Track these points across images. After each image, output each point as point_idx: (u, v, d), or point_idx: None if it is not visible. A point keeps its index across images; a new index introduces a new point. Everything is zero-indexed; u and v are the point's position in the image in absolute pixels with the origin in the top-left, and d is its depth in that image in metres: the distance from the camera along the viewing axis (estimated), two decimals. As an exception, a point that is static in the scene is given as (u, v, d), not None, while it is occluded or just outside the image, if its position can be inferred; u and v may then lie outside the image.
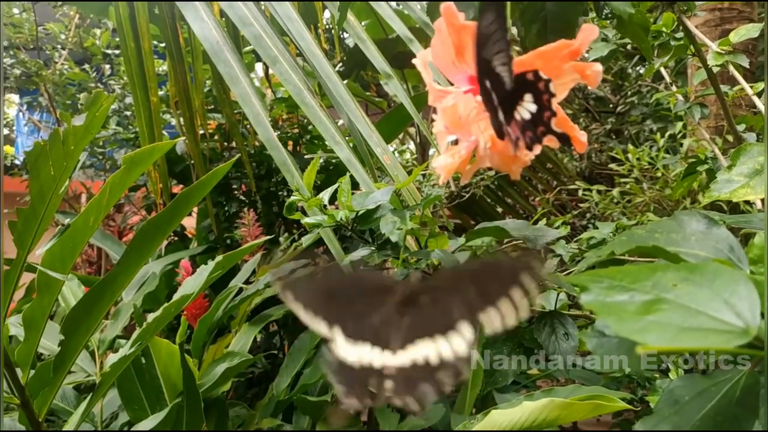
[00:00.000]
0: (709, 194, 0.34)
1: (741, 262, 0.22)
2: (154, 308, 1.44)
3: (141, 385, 0.94)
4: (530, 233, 0.49)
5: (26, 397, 0.64)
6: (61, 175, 0.49)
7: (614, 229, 0.71)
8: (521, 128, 0.24)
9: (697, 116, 0.65)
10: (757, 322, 0.16)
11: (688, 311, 0.16)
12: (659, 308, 0.17)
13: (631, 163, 1.52)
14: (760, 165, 0.34)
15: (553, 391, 0.73)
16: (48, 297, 0.58)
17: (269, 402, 0.99)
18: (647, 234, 0.24)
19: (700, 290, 0.17)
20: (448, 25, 0.23)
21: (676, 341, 0.15)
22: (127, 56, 1.19)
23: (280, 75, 0.82)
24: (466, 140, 0.24)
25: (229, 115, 1.44)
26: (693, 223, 0.24)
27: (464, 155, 0.25)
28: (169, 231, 0.63)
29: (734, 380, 0.21)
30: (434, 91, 0.25)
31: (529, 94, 0.24)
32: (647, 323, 0.16)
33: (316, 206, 0.51)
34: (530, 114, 0.24)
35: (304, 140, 1.63)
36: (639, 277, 0.18)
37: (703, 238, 0.23)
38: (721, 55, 0.50)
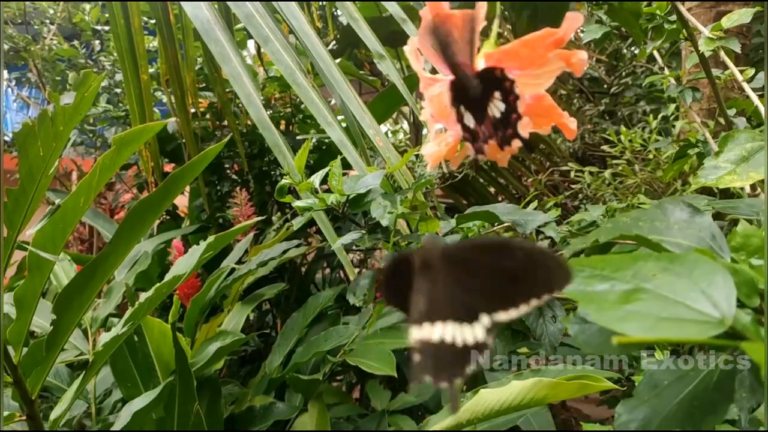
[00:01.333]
0: (696, 180, 0.35)
1: (722, 250, 0.23)
2: (146, 287, 1.45)
3: (134, 363, 0.94)
4: (520, 217, 0.50)
5: (19, 375, 0.64)
6: (51, 156, 0.48)
7: (604, 212, 0.71)
8: (494, 126, 0.24)
9: (689, 100, 0.65)
10: (732, 312, 0.16)
11: (667, 301, 0.17)
12: (639, 298, 0.17)
13: (623, 145, 1.53)
14: (746, 152, 0.34)
15: (542, 371, 0.74)
16: (39, 277, 0.58)
17: (262, 380, 1.00)
18: (632, 222, 0.25)
19: (680, 280, 0.17)
20: (434, 14, 0.23)
21: (654, 331, 0.16)
22: (117, 33, 1.18)
23: (272, 55, 0.82)
24: (452, 129, 0.24)
25: (220, 94, 1.43)
26: (677, 212, 0.25)
27: (451, 143, 0.25)
28: (161, 211, 0.63)
29: (712, 365, 0.21)
30: (423, 79, 0.25)
31: (498, 92, 0.24)
32: (626, 313, 0.16)
33: (308, 190, 0.51)
34: (500, 113, 0.24)
35: (297, 120, 1.63)
36: (620, 267, 0.18)
37: (687, 227, 0.24)
38: (712, 41, 0.50)
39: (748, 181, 0.33)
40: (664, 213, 0.25)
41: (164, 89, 1.48)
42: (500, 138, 0.24)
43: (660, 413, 0.22)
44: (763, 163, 0.33)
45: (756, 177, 0.33)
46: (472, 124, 0.25)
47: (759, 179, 0.33)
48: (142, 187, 1.69)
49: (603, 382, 0.64)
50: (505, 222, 0.51)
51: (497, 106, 0.25)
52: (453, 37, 0.24)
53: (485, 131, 0.25)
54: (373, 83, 2.27)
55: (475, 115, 0.25)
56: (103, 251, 0.60)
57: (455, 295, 0.24)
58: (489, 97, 0.25)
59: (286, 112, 1.63)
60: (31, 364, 0.66)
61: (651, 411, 0.22)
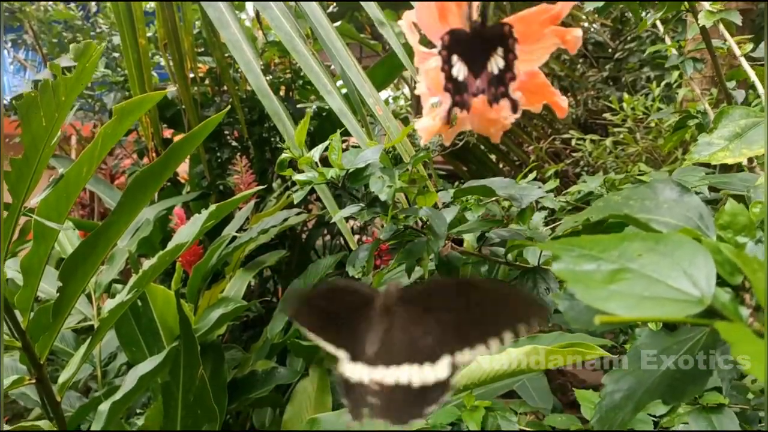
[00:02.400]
0: (690, 156, 0.35)
1: (708, 229, 0.23)
2: (148, 253, 1.46)
3: (138, 329, 0.96)
4: (516, 192, 0.50)
5: (27, 341, 0.66)
6: (53, 126, 0.49)
7: (602, 183, 0.72)
8: (488, 81, 0.24)
9: (690, 70, 0.65)
10: (711, 291, 0.17)
11: (650, 281, 0.18)
12: (623, 277, 0.18)
13: (625, 113, 1.52)
14: (740, 128, 0.34)
15: (537, 338, 0.76)
16: (44, 245, 0.59)
17: (263, 345, 1.02)
18: (623, 201, 0.25)
19: (663, 260, 0.18)
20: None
21: (636, 310, 0.16)
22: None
23: (271, 21, 0.81)
24: (447, 103, 0.24)
25: (219, 59, 1.41)
26: (666, 191, 0.25)
27: (445, 117, 0.25)
28: (163, 180, 0.63)
29: (695, 339, 0.22)
30: (419, 53, 0.25)
31: (501, 48, 0.24)
32: (611, 292, 0.17)
33: (308, 164, 0.51)
34: (498, 69, 0.24)
35: (297, 85, 1.61)
36: (608, 247, 0.19)
37: (675, 206, 0.24)
38: (712, 14, 0.49)
39: (740, 157, 0.34)
40: (654, 192, 0.25)
41: (162, 53, 1.47)
42: (491, 94, 0.24)
43: (644, 384, 0.23)
44: (756, 140, 0.33)
45: (748, 153, 0.34)
46: (462, 75, 0.25)
47: (751, 155, 0.34)
48: (142, 153, 1.69)
49: (596, 349, 0.66)
50: (501, 196, 0.52)
51: (497, 63, 0.24)
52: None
53: (480, 85, 0.25)
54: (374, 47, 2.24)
55: (471, 66, 0.25)
56: (106, 220, 0.61)
57: (413, 336, 0.24)
58: (491, 51, 0.25)
59: (286, 78, 1.61)
60: (38, 329, 0.68)
61: (636, 382, 0.23)
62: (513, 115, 0.24)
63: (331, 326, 0.26)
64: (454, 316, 0.24)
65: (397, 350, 0.24)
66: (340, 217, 0.55)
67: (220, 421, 0.78)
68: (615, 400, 0.24)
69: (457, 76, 0.24)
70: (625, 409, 0.23)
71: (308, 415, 0.84)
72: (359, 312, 0.26)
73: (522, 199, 0.50)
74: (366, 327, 0.25)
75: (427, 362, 0.23)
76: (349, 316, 0.26)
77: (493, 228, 0.56)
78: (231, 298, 0.98)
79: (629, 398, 0.23)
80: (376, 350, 0.24)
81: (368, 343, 0.25)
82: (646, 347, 0.24)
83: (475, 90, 0.24)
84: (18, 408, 1.26)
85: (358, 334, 0.25)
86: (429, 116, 0.25)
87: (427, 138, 0.25)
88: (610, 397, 0.24)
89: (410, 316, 0.25)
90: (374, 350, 0.24)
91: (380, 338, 0.25)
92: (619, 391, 0.24)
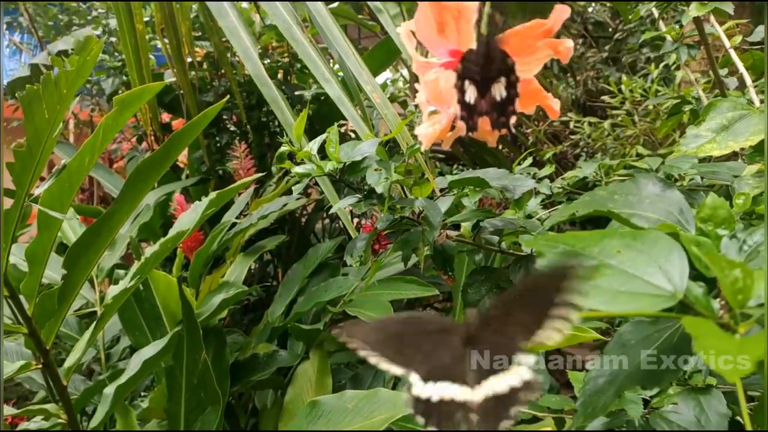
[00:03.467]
0: (678, 148, 0.36)
1: (688, 223, 0.24)
2: (149, 238, 1.47)
3: (141, 313, 0.98)
4: (509, 183, 0.51)
5: (33, 326, 0.68)
6: (56, 118, 0.49)
7: (597, 168, 0.73)
8: (491, 106, 0.26)
9: (684, 56, 0.66)
10: (684, 286, 0.18)
11: (627, 276, 0.19)
12: (602, 273, 0.19)
13: (624, 96, 1.52)
14: (727, 121, 0.35)
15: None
16: (48, 234, 0.60)
17: (264, 329, 1.04)
18: (607, 195, 0.26)
19: (640, 256, 0.19)
20: (430, 2, 0.24)
21: (612, 304, 0.18)
22: (111, -18, 1.16)
23: (269, 9, 0.81)
24: (445, 112, 0.25)
25: (217, 44, 1.41)
26: (649, 186, 0.26)
27: (444, 124, 0.26)
28: (164, 169, 0.64)
29: (674, 328, 0.23)
30: (418, 62, 0.26)
31: (505, 79, 0.25)
32: (590, 287, 0.18)
33: (306, 157, 0.52)
34: (500, 98, 0.25)
35: (295, 69, 1.61)
36: (589, 243, 0.20)
37: (657, 201, 0.25)
38: (704, 6, 0.50)
39: (726, 149, 0.35)
40: (638, 187, 0.26)
41: (160, 38, 1.46)
42: (493, 120, 0.26)
43: (625, 370, 0.24)
44: (742, 132, 0.34)
45: (734, 146, 0.35)
46: (473, 99, 0.26)
47: (737, 148, 0.35)
48: (141, 138, 1.69)
49: (590, 332, 0.67)
50: (495, 187, 0.53)
51: (500, 91, 0.26)
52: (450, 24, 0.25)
53: (483, 106, 0.26)
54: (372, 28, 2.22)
55: (478, 87, 0.26)
56: (109, 209, 0.62)
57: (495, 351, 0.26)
58: (496, 77, 0.26)
59: (284, 62, 1.61)
60: (43, 314, 0.69)
61: (618, 367, 0.24)
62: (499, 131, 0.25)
63: (401, 350, 0.28)
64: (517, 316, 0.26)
65: (484, 367, 0.26)
66: (340, 207, 0.56)
67: (223, 402, 0.80)
68: (598, 385, 0.25)
69: (469, 101, 0.26)
70: (607, 393, 0.25)
71: (309, 397, 0.86)
72: (439, 338, 0.28)
73: (515, 190, 0.52)
74: (452, 351, 0.27)
75: (507, 368, 0.25)
76: (426, 341, 0.28)
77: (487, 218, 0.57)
78: (232, 283, 1.00)
79: (611, 383, 0.24)
80: (468, 372, 0.26)
81: (460, 365, 0.26)
82: (629, 335, 0.25)
83: (480, 111, 0.26)
84: (22, 391, 1.28)
85: (441, 357, 0.27)
86: (428, 123, 0.26)
87: (427, 144, 0.27)
88: (593, 381, 0.26)
89: (490, 334, 0.27)
90: (467, 372, 0.26)
91: (469, 360, 0.26)
92: (602, 376, 0.25)
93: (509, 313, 0.26)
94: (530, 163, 0.85)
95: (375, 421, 0.58)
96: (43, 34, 2.37)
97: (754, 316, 0.18)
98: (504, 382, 0.25)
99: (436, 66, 0.25)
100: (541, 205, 0.76)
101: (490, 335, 0.26)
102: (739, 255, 0.23)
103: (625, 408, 0.58)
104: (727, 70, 0.61)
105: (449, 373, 0.26)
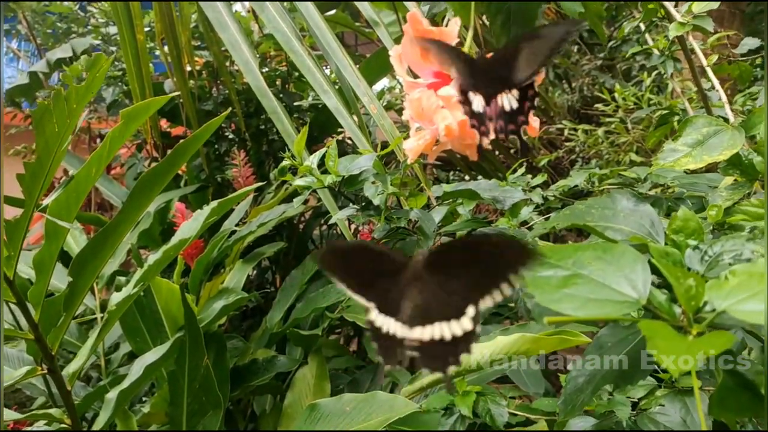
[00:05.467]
0: (656, 162, 0.38)
1: (658, 235, 0.27)
2: (148, 245, 1.49)
3: (142, 319, 1.00)
4: (499, 194, 0.54)
5: (39, 333, 0.69)
6: (65, 131, 0.52)
7: (587, 178, 0.75)
8: (498, 113, 0.28)
9: (670, 70, 0.68)
10: (646, 293, 0.20)
11: (596, 285, 0.21)
12: (575, 282, 0.21)
13: (617, 103, 1.55)
14: (702, 136, 0.38)
15: (526, 327, 0.80)
16: (55, 242, 0.62)
17: (263, 334, 1.05)
18: (585, 209, 0.29)
19: (609, 267, 0.21)
20: (413, 30, 0.26)
21: (582, 310, 0.20)
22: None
23: (269, 22, 0.83)
24: (428, 128, 0.28)
25: (216, 54, 1.43)
26: (624, 201, 0.28)
27: (429, 139, 0.29)
28: (168, 179, 0.66)
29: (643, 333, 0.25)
30: (406, 83, 0.28)
31: (518, 93, 0.27)
32: (563, 295, 0.20)
33: (307, 171, 0.54)
34: (510, 108, 0.27)
35: (293, 78, 1.63)
36: (564, 255, 0.22)
37: (631, 215, 0.27)
38: (683, 25, 0.52)
39: (701, 163, 0.37)
40: (614, 202, 0.29)
41: (159, 48, 1.49)
42: (500, 127, 0.28)
43: (602, 370, 0.26)
44: (716, 146, 0.36)
45: (709, 160, 0.37)
46: (481, 107, 0.28)
47: (711, 161, 0.37)
48: (141, 146, 1.71)
49: (580, 336, 0.69)
50: (486, 198, 0.55)
51: (510, 101, 0.28)
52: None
53: (490, 113, 0.28)
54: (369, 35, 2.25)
55: (485, 96, 0.28)
56: (114, 218, 0.64)
57: (440, 297, 0.28)
58: (503, 86, 0.28)
59: (282, 71, 1.63)
60: (48, 321, 0.71)
61: (596, 368, 0.26)
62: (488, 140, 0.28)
63: (361, 280, 0.31)
64: (467, 270, 0.28)
65: (430, 311, 0.28)
66: (339, 218, 0.58)
67: (224, 407, 0.82)
68: (578, 384, 0.27)
69: (477, 109, 0.28)
70: (585, 391, 0.27)
71: (308, 401, 0.87)
72: (391, 274, 0.30)
73: (504, 201, 0.54)
74: (399, 289, 0.29)
75: (455, 317, 0.27)
76: (381, 276, 0.30)
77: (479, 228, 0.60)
78: (232, 289, 1.02)
79: (589, 382, 0.27)
80: (411, 312, 0.28)
81: (405, 305, 0.29)
82: (606, 338, 0.27)
83: (489, 116, 0.28)
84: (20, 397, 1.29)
85: (389, 293, 0.29)
86: (414, 138, 0.28)
87: (413, 157, 0.29)
88: (573, 381, 0.28)
89: (436, 278, 0.29)
90: (410, 312, 0.28)
91: (415, 301, 0.29)
92: (582, 375, 0.27)
93: (461, 265, 0.28)
94: (526, 170, 0.87)
95: (372, 423, 0.60)
96: (41, 41, 2.38)
97: (707, 319, 0.20)
98: (448, 330, 0.27)
99: (423, 86, 0.27)
100: (536, 212, 0.79)
101: (442, 284, 0.29)
102: (701, 265, 0.26)
103: (614, 410, 0.60)
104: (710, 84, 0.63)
105: (395, 309, 0.29)
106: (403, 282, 0.29)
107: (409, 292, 0.29)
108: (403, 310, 0.29)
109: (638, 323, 0.19)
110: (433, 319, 0.27)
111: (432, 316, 0.28)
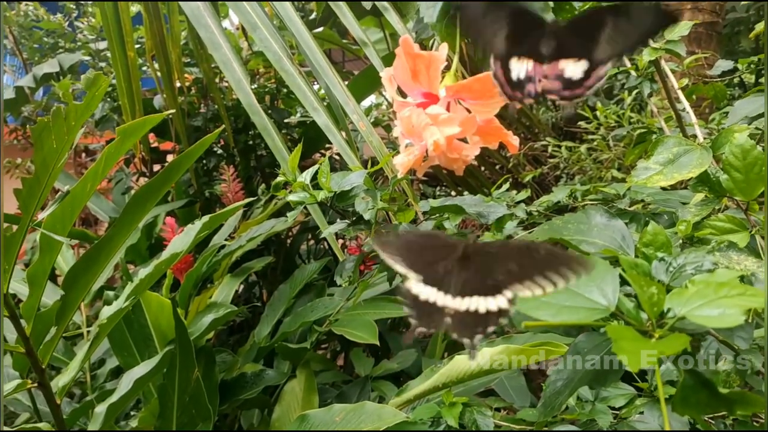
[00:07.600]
0: (630, 179, 0.41)
1: (629, 248, 0.29)
2: (135, 260, 1.49)
3: (130, 334, 1.00)
4: (483, 209, 0.56)
5: (30, 346, 0.70)
6: (63, 148, 0.53)
7: (569, 193, 0.78)
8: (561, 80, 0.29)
9: (647, 91, 0.71)
10: (615, 301, 0.22)
11: (570, 293, 0.23)
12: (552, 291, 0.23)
13: (599, 121, 1.59)
14: (673, 155, 0.40)
15: (512, 338, 0.82)
16: (49, 257, 0.63)
17: (251, 348, 1.06)
18: (563, 224, 0.31)
19: (582, 277, 0.23)
20: (405, 53, 0.29)
21: (557, 316, 0.22)
22: (104, 10, 1.20)
23: (260, 42, 0.86)
24: (418, 144, 0.30)
25: (206, 71, 1.45)
26: (597, 217, 0.31)
27: (418, 155, 0.31)
28: (160, 195, 0.68)
29: (617, 338, 0.27)
30: (396, 102, 0.31)
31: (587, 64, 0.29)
32: (540, 303, 0.22)
33: (300, 188, 0.56)
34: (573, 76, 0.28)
35: (282, 95, 1.66)
36: (542, 267, 0.24)
37: (604, 229, 0.30)
38: (655, 51, 0.55)
39: (672, 180, 0.39)
40: (588, 217, 0.31)
41: (150, 65, 1.50)
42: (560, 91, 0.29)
43: (578, 373, 0.28)
44: (686, 165, 0.39)
45: (678, 177, 0.39)
46: (523, 74, 0.29)
47: (681, 179, 0.39)
48: (129, 161, 1.72)
49: (563, 347, 0.71)
50: (471, 213, 0.58)
51: (574, 70, 0.29)
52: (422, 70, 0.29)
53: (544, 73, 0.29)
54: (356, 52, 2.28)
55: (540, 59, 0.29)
56: (107, 234, 0.66)
57: (484, 277, 0.31)
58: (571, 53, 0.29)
59: (271, 87, 1.65)
60: (38, 335, 0.72)
61: (572, 372, 0.28)
62: (474, 153, 0.30)
63: (412, 256, 0.34)
64: (515, 265, 0.30)
65: (471, 286, 0.31)
66: (330, 233, 0.60)
67: (213, 420, 0.82)
68: (556, 387, 0.29)
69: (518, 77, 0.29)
70: (563, 394, 0.29)
71: (296, 414, 0.88)
72: (441, 254, 0.33)
73: (488, 216, 0.56)
74: (446, 266, 0.32)
75: (491, 295, 0.30)
76: (432, 254, 0.33)
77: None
78: (220, 303, 1.03)
79: (567, 385, 0.28)
80: (455, 284, 0.31)
81: (450, 278, 0.32)
82: (583, 344, 0.29)
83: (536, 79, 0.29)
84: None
85: (437, 268, 0.32)
86: (404, 154, 0.30)
87: (403, 171, 0.31)
88: (552, 384, 0.30)
89: (483, 263, 0.32)
90: (454, 284, 0.31)
91: (459, 276, 0.31)
92: (560, 379, 0.29)
93: (509, 256, 0.31)
94: (511, 185, 0.90)
95: (361, 432, 0.61)
96: (27, 56, 2.39)
97: (668, 323, 0.22)
98: (483, 304, 0.29)
99: (412, 105, 0.30)
100: (521, 227, 0.81)
101: (486, 265, 0.31)
102: (666, 275, 0.28)
103: (596, 418, 0.62)
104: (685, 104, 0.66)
105: (440, 282, 0.31)
106: (452, 261, 0.32)
107: (456, 268, 0.32)
108: (447, 282, 0.31)
109: (606, 327, 0.21)
110: (473, 293, 0.30)
111: (473, 291, 0.30)
